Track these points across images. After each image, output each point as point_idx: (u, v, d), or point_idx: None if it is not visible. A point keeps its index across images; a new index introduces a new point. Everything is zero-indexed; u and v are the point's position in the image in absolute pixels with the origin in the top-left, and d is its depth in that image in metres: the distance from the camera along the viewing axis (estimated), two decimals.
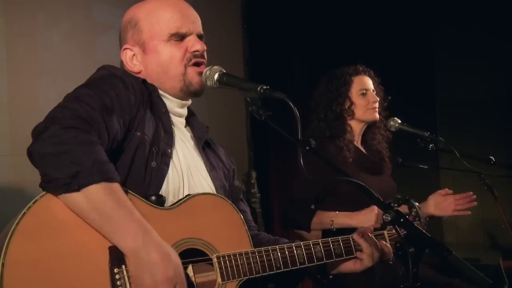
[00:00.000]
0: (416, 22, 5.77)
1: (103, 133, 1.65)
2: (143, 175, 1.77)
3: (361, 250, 2.00)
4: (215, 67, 1.94)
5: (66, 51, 3.48)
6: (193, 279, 1.73)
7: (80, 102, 1.66)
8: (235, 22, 4.73)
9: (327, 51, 5.15)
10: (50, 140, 1.55)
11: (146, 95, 1.88)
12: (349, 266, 2.03)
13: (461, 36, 5.84)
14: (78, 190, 1.53)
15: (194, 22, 2.00)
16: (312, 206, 3.13)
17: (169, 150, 1.86)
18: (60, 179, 1.52)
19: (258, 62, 4.89)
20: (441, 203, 3.14)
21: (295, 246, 1.88)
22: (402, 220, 1.54)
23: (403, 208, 2.42)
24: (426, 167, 3.48)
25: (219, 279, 1.72)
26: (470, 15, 5.67)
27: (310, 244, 1.91)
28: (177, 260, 1.61)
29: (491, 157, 3.32)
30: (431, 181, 5.43)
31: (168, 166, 1.83)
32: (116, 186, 1.59)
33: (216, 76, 1.90)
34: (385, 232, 2.08)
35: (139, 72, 2.00)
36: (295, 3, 5.15)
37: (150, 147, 1.80)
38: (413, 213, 2.20)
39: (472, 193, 3.14)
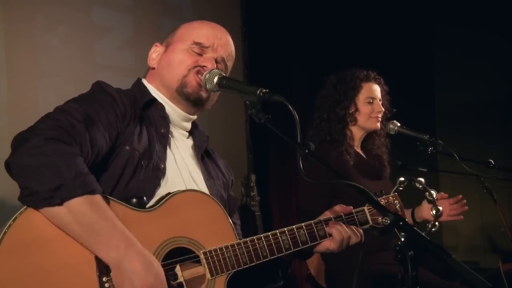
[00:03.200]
0: (415, 24, 5.78)
1: (86, 146, 1.65)
2: (127, 187, 1.77)
3: None
4: (215, 70, 1.95)
5: (65, 53, 3.48)
6: (181, 278, 1.73)
7: (65, 114, 1.66)
8: (234, 25, 4.73)
9: (326, 54, 5.16)
10: (30, 152, 1.53)
11: (139, 110, 1.89)
12: (325, 245, 2.01)
13: (460, 38, 5.85)
14: (60, 204, 1.52)
15: (221, 45, 2.04)
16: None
17: (162, 165, 1.87)
18: (42, 192, 1.50)
19: (258, 65, 4.89)
20: None
21: (279, 233, 1.89)
22: (401, 223, 1.53)
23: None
24: (425, 170, 3.47)
25: (208, 275, 1.73)
26: (470, 17, 5.68)
27: (294, 229, 1.92)
28: (159, 268, 1.62)
29: (490, 160, 3.32)
30: (430, 184, 5.41)
31: (159, 180, 1.84)
32: (98, 198, 1.59)
33: (215, 79, 1.91)
34: (365, 208, 2.11)
35: (153, 68, 2.07)
36: (294, 7, 5.16)
37: (139, 160, 1.80)
38: (420, 187, 2.22)
39: (461, 196, 3.13)
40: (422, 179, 2.28)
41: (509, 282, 3.56)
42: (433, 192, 2.39)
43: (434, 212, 2.56)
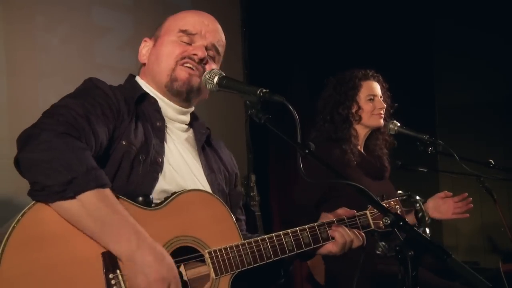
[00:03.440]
0: (415, 24, 5.78)
1: (91, 140, 1.66)
2: (128, 182, 1.77)
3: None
4: (215, 70, 1.95)
5: (65, 53, 3.48)
6: (186, 277, 1.74)
7: (67, 109, 1.67)
8: (234, 25, 4.73)
9: (326, 54, 5.16)
10: (41, 147, 1.53)
11: (132, 106, 1.89)
12: (328, 247, 2.01)
13: (460, 38, 5.85)
14: (73, 197, 1.52)
15: (209, 31, 2.03)
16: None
17: (160, 159, 1.86)
18: (54, 186, 1.50)
19: (258, 65, 4.89)
20: (440, 206, 3.12)
21: (283, 234, 1.89)
22: (401, 223, 1.53)
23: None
24: (425, 170, 3.48)
25: (213, 275, 1.74)
26: (470, 17, 5.67)
27: (297, 231, 1.93)
28: (171, 261, 1.63)
29: (490, 160, 3.32)
30: (430, 184, 5.42)
31: (158, 174, 1.84)
32: (109, 192, 1.60)
33: (215, 79, 1.91)
34: (367, 212, 2.11)
35: (144, 64, 2.07)
36: (294, 7, 5.16)
37: (136, 155, 1.80)
38: (417, 207, 2.23)
39: (467, 194, 3.13)
40: (420, 200, 2.27)
41: (509, 282, 3.56)
42: (421, 201, 2.36)
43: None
